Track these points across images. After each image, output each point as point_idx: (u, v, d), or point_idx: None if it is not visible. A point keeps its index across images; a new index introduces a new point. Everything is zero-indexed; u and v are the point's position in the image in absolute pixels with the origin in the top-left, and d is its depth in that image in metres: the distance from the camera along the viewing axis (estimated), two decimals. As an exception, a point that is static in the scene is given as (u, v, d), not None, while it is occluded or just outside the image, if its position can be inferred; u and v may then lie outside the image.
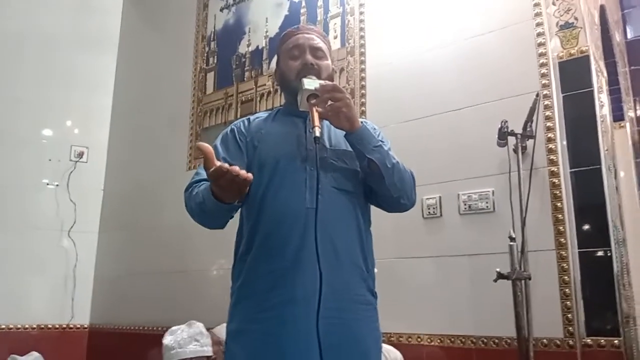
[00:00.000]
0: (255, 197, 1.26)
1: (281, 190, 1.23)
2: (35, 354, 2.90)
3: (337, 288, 1.17)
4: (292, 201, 1.22)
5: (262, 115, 1.41)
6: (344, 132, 1.26)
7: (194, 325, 2.10)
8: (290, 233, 1.19)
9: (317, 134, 1.15)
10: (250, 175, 1.10)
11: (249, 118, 1.40)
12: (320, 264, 1.13)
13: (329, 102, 1.21)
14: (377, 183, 1.26)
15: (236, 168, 1.08)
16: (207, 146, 1.10)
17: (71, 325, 3.34)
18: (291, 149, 1.28)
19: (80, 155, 3.56)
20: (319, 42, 1.36)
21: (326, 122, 1.27)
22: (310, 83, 1.23)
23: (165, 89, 3.44)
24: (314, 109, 1.20)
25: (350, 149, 1.28)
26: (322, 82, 1.24)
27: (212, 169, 1.08)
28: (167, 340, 2.06)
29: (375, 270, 1.32)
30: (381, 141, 1.29)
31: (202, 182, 1.26)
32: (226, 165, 1.08)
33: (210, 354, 2.07)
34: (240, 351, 1.20)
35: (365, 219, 1.31)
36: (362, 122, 1.28)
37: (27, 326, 3.23)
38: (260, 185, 1.25)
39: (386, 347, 1.86)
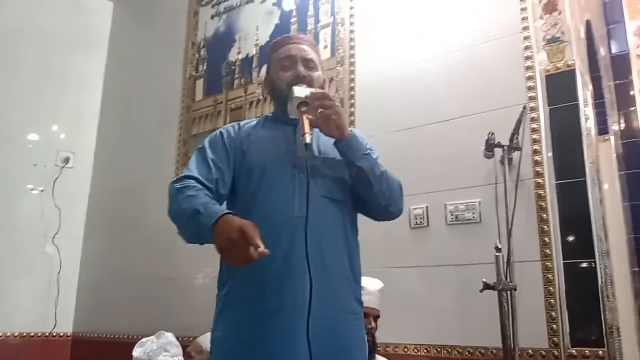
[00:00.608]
0: (243, 202, 1.26)
1: (270, 196, 1.23)
2: (15, 361, 2.85)
3: (326, 297, 1.17)
4: (281, 208, 1.21)
5: (252, 122, 1.41)
6: (333, 140, 1.27)
7: (163, 336, 2.10)
8: (278, 240, 1.18)
9: (308, 140, 1.16)
10: (267, 251, 1.01)
11: (239, 123, 1.39)
12: (311, 273, 1.13)
13: (319, 110, 1.22)
14: (366, 191, 1.27)
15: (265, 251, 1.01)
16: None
17: (54, 334, 3.29)
18: (280, 155, 1.28)
19: (67, 160, 3.52)
20: (310, 52, 1.37)
21: (315, 131, 1.27)
22: (301, 91, 1.24)
23: (154, 95, 3.42)
24: (304, 116, 1.21)
25: (339, 157, 1.29)
26: (312, 89, 1.26)
27: (234, 235, 1.01)
28: (137, 352, 2.07)
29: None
30: (369, 149, 1.30)
31: (195, 181, 1.23)
32: (264, 250, 1.01)
33: None
34: (224, 359, 1.19)
35: (353, 228, 1.32)
36: (350, 130, 1.29)
37: (8, 334, 3.17)
38: (248, 191, 1.25)
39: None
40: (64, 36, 3.65)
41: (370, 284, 1.83)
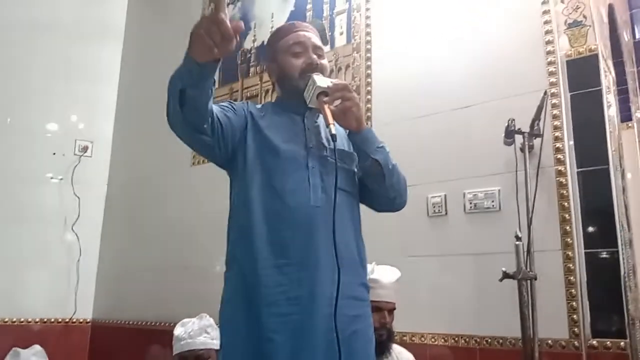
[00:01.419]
0: (257, 189, 1.23)
1: (285, 184, 1.22)
2: (37, 347, 2.91)
3: (345, 286, 1.16)
4: (297, 198, 1.21)
5: (257, 106, 1.37)
6: (347, 132, 1.27)
7: (205, 318, 2.13)
8: (296, 231, 1.18)
9: (334, 131, 1.15)
10: (241, 24, 1.01)
11: (248, 102, 1.37)
12: (339, 263, 1.13)
13: (338, 101, 1.21)
14: (377, 183, 1.28)
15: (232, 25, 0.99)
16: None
17: (74, 320, 3.34)
18: (292, 144, 1.27)
19: (85, 149, 3.55)
20: (318, 41, 1.36)
21: (322, 122, 1.27)
22: (322, 80, 1.22)
23: (170, 84, 3.42)
24: (326, 107, 1.19)
25: (348, 149, 1.29)
26: (333, 80, 1.25)
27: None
28: (178, 331, 2.10)
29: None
30: (382, 143, 1.31)
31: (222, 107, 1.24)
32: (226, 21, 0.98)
33: (218, 347, 2.08)
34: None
35: (359, 219, 1.34)
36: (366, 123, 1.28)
37: (29, 320, 3.24)
38: (264, 169, 1.23)
39: (398, 349, 1.85)
40: (81, 27, 3.67)
41: (385, 277, 1.82)
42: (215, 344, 2.08)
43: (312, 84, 1.22)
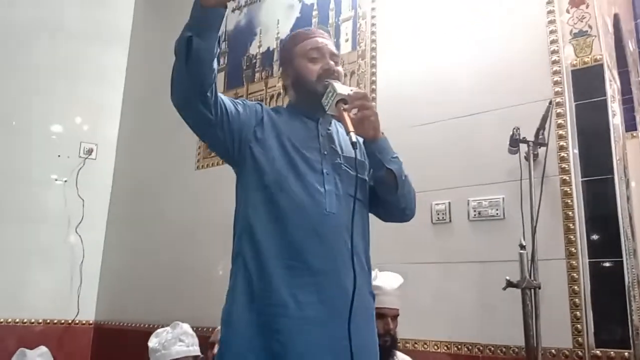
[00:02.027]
0: (271, 195, 1.22)
1: (299, 189, 1.21)
2: (43, 348, 2.91)
3: (358, 294, 1.15)
4: (312, 203, 1.20)
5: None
6: (362, 141, 1.25)
7: (178, 327, 2.10)
8: (311, 237, 1.18)
9: (354, 139, 1.14)
10: None
11: (262, 104, 1.37)
12: (355, 271, 1.13)
13: (358, 110, 1.21)
14: (389, 193, 1.28)
15: None
16: None
17: (77, 321, 3.36)
18: (308, 149, 1.27)
19: (90, 152, 3.57)
20: (334, 48, 1.37)
21: (336, 129, 1.28)
22: (343, 88, 1.22)
23: (176, 88, 3.44)
24: (346, 114, 1.18)
25: (360, 157, 1.28)
26: (353, 88, 1.25)
27: None
28: (152, 342, 2.07)
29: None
30: (396, 153, 1.30)
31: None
32: None
33: (197, 353, 2.08)
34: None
35: (368, 228, 1.33)
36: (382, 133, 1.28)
37: (32, 321, 3.25)
38: (274, 171, 1.22)
39: (402, 357, 1.85)
40: (87, 30, 3.70)
41: (388, 283, 1.82)
42: (193, 350, 2.07)
43: (333, 91, 1.21)
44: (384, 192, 1.30)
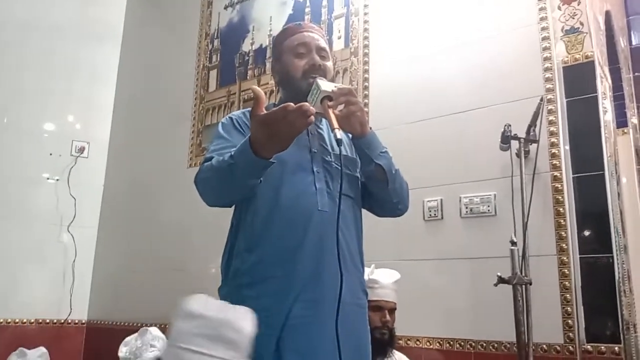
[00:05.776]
0: (264, 193, 1.21)
1: (292, 189, 1.21)
2: (42, 349, 2.89)
3: (348, 292, 1.16)
4: (305, 203, 1.20)
5: None
6: (350, 137, 1.25)
7: (147, 333, 2.09)
8: (305, 235, 1.17)
9: (339, 136, 1.11)
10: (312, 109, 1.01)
11: (249, 110, 1.36)
12: (342, 269, 1.11)
13: (343, 106, 1.19)
14: (380, 188, 1.27)
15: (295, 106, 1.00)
16: (260, 90, 1.05)
17: (69, 321, 3.34)
18: (297, 148, 1.24)
19: (81, 150, 3.55)
20: (323, 42, 1.35)
21: (325, 127, 1.27)
22: (327, 85, 1.20)
23: (168, 86, 3.43)
24: (331, 111, 1.16)
25: (351, 155, 1.29)
26: (338, 84, 1.23)
27: (272, 111, 1.00)
28: (122, 352, 2.06)
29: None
30: (385, 148, 1.29)
31: (227, 149, 1.19)
32: (291, 104, 0.99)
33: None
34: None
35: (361, 225, 1.33)
36: (370, 128, 1.27)
37: (25, 321, 3.22)
38: (267, 179, 1.21)
39: (399, 355, 1.85)
40: (79, 27, 3.67)
41: (384, 277, 1.83)
42: None
43: (317, 88, 1.19)
44: (374, 187, 1.29)
